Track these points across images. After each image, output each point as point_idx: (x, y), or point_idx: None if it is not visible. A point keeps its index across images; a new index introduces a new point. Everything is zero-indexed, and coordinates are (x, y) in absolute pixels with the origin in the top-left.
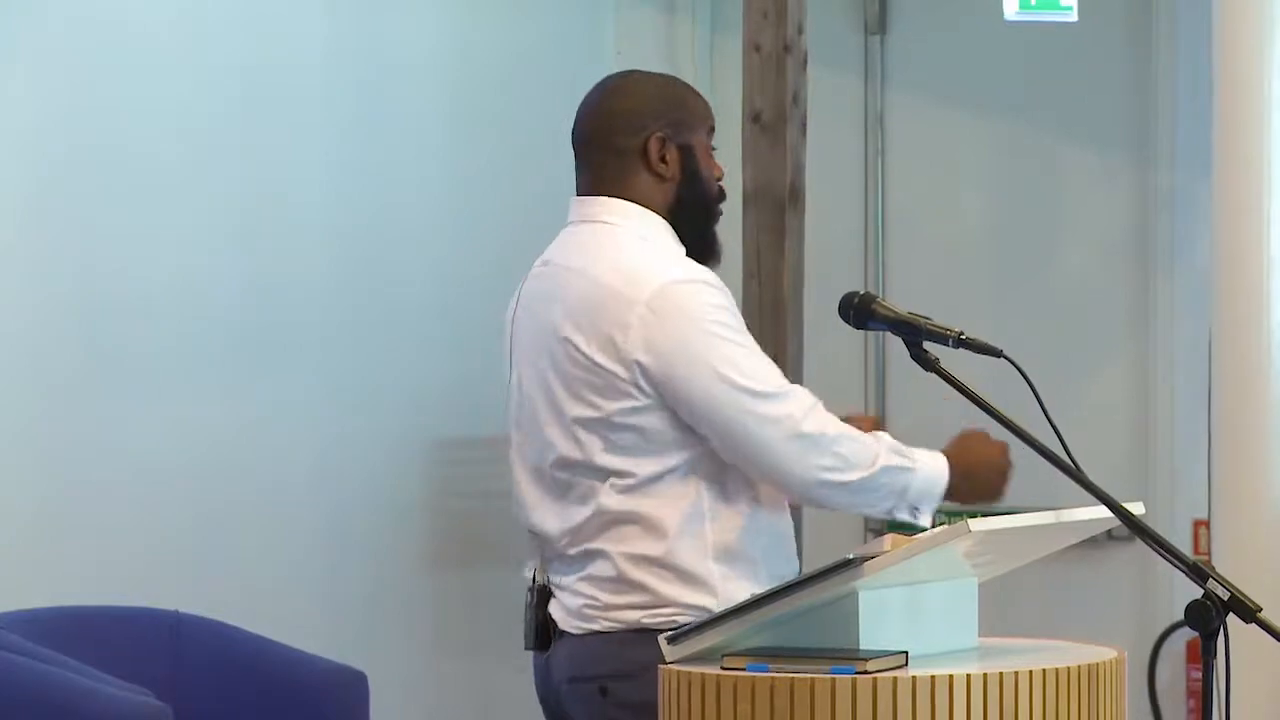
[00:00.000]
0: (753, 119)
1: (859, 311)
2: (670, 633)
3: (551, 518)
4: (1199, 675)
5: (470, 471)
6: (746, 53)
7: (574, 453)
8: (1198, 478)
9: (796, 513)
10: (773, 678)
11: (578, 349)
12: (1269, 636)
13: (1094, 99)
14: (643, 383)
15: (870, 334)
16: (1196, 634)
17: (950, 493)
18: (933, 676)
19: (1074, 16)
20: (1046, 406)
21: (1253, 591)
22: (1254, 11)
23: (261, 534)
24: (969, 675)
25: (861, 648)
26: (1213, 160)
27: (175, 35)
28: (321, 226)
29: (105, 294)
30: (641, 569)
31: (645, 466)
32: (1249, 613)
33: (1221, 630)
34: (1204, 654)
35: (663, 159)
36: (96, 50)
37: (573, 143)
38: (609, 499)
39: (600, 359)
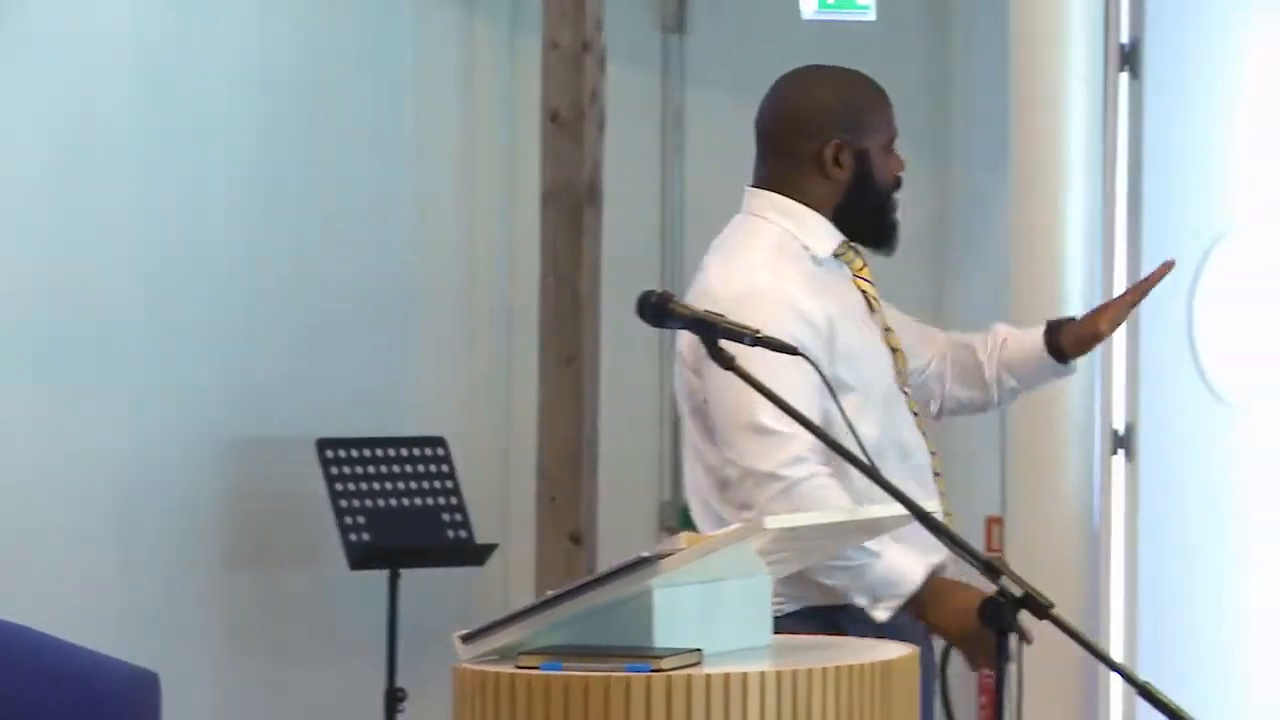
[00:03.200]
0: (551, 117)
1: (656, 310)
2: (465, 632)
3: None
4: (991, 672)
5: (268, 471)
6: (545, 50)
7: (696, 441)
8: (991, 474)
9: (589, 513)
10: (567, 676)
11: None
12: (1062, 633)
13: (892, 98)
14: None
15: (667, 332)
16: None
17: (918, 605)
18: (727, 674)
19: (872, 15)
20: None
21: (1045, 588)
22: (1050, 13)
23: (54, 533)
24: (763, 673)
25: (656, 645)
26: (1010, 161)
27: None
28: (123, 227)
29: None
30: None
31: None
32: (1042, 610)
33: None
34: (997, 651)
35: (838, 163)
36: None
37: (755, 129)
38: (715, 501)
39: (682, 348)
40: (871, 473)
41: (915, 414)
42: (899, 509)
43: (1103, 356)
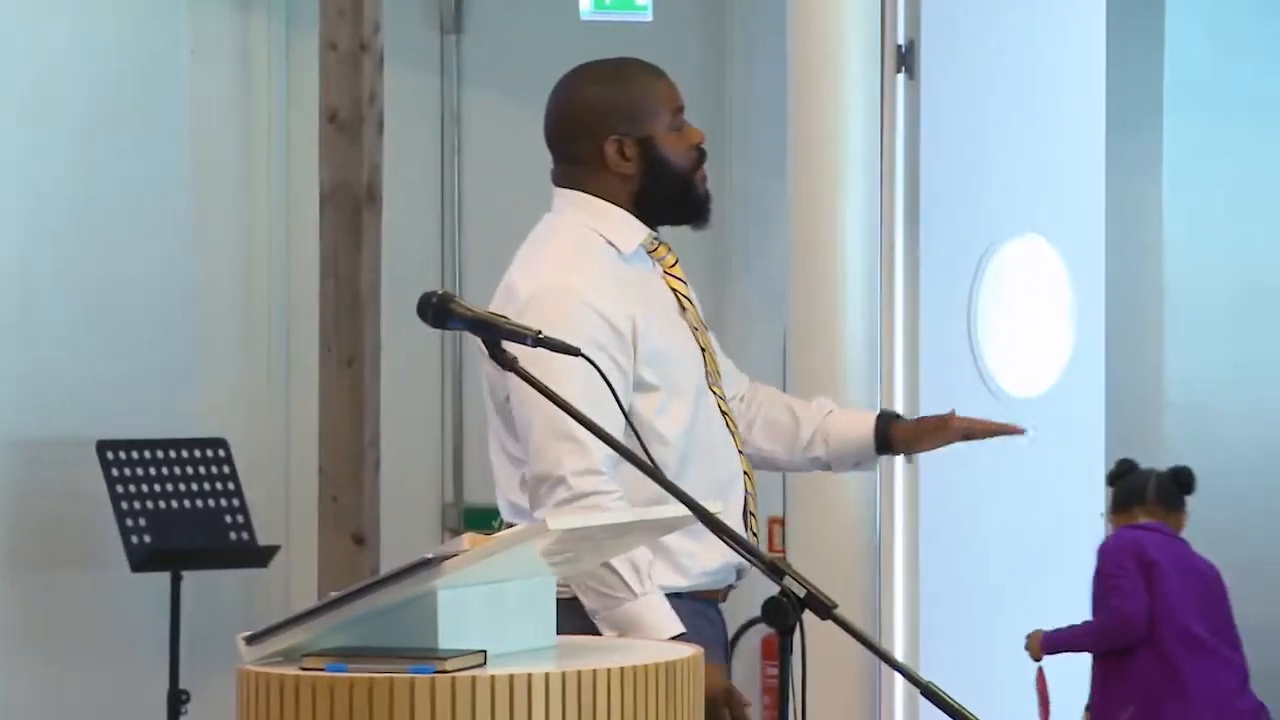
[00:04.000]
0: (329, 118)
1: (438, 311)
2: (249, 633)
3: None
4: (774, 672)
5: (48, 473)
6: (323, 51)
7: (502, 437)
8: (773, 475)
9: (371, 514)
10: (352, 678)
11: None
12: (844, 633)
13: None
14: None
15: (448, 333)
16: (772, 630)
17: None
18: (511, 675)
19: (649, 16)
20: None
21: (828, 588)
22: (826, 14)
23: None
24: (547, 674)
25: (441, 647)
26: (788, 162)
27: None
28: None
29: None
30: None
31: None
32: (825, 610)
33: (798, 627)
34: (781, 651)
35: (623, 157)
36: None
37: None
38: (518, 496)
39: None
40: (655, 474)
41: (725, 413)
42: (679, 508)
43: (883, 357)
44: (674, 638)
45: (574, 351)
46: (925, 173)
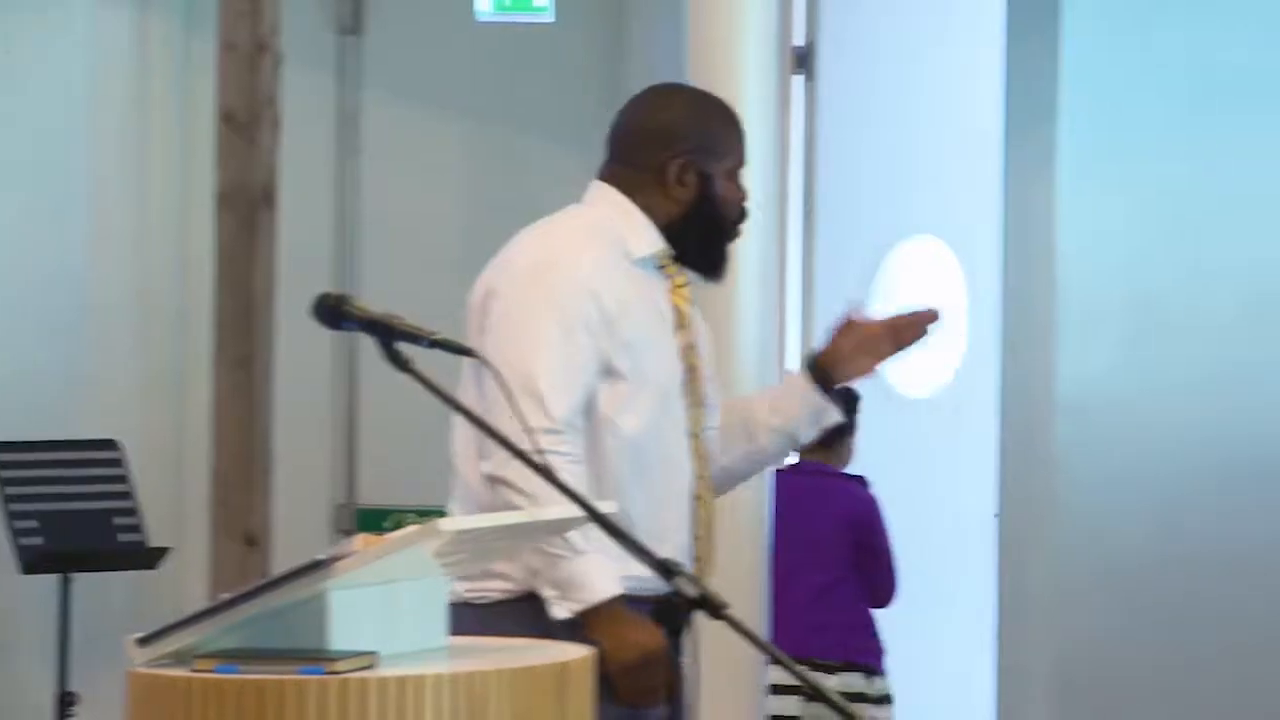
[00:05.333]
0: (225, 119)
1: (332, 312)
2: (139, 635)
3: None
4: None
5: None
6: (220, 51)
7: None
8: None
9: (263, 516)
10: (242, 679)
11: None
12: (735, 632)
13: (568, 100)
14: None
15: (343, 335)
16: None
17: (594, 618)
18: (402, 677)
19: (550, 17)
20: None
21: (722, 589)
22: (725, 16)
23: None
24: (438, 675)
25: (332, 648)
26: None
27: None
28: None
29: None
30: None
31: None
32: (717, 610)
33: (689, 627)
34: (672, 650)
35: (680, 182)
36: None
37: (609, 130)
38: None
39: (473, 300)
40: (546, 473)
41: (694, 435)
42: (572, 509)
43: (778, 357)
44: (613, 600)
45: (470, 352)
46: (822, 174)
